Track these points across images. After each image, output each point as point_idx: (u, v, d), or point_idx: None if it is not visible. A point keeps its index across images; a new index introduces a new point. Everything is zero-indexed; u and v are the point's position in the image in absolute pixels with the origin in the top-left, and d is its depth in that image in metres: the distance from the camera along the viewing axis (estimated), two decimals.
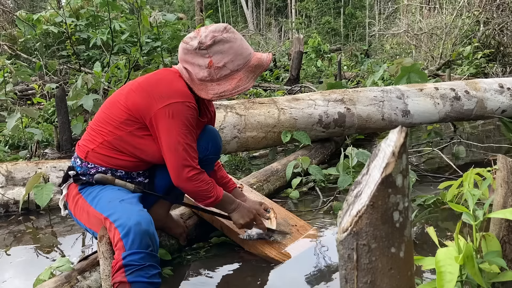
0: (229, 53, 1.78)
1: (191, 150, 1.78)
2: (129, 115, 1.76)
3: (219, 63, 1.77)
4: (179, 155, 1.75)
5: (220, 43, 1.77)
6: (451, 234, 2.17)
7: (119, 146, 1.79)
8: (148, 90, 1.76)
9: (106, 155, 1.80)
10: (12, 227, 2.78)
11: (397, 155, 0.64)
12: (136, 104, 1.75)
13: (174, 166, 1.77)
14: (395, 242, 0.66)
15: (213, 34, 1.77)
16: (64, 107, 4.10)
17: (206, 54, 1.77)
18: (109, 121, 1.79)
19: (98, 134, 1.81)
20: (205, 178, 1.83)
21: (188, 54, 1.80)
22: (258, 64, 1.84)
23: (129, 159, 1.81)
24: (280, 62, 11.11)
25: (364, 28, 22.69)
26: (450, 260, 1.17)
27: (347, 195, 0.71)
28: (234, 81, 1.80)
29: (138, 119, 1.76)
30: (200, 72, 1.79)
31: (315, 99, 3.61)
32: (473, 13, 9.75)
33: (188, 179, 1.78)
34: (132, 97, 1.78)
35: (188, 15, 18.19)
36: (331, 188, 3.13)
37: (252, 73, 1.84)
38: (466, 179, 2.13)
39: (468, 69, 8.33)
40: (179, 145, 1.74)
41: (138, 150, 1.80)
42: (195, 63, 1.79)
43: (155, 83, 1.80)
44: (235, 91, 1.80)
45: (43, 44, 8.30)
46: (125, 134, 1.78)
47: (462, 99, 3.87)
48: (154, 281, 1.57)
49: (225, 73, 1.79)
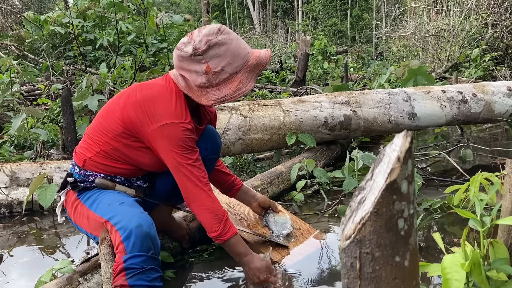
0: (226, 55, 1.68)
1: (194, 169, 1.72)
2: (124, 128, 1.72)
3: (216, 68, 1.68)
4: (182, 175, 1.71)
5: (216, 46, 1.67)
6: (458, 240, 2.14)
7: (116, 156, 1.76)
8: (144, 107, 1.71)
9: (103, 164, 1.77)
10: (16, 228, 2.77)
11: (402, 160, 0.62)
12: (132, 120, 1.71)
13: (180, 186, 1.74)
14: (399, 250, 0.63)
15: (207, 38, 1.67)
16: (70, 107, 4.10)
17: (202, 59, 1.67)
18: (105, 132, 1.75)
19: (94, 143, 1.78)
20: (213, 207, 1.76)
21: (184, 61, 1.71)
22: (257, 62, 1.75)
23: (127, 167, 1.79)
24: (286, 64, 11.09)
25: (371, 30, 22.62)
26: (456, 267, 1.15)
27: (350, 201, 0.69)
28: (234, 84, 1.72)
29: (134, 133, 1.72)
30: (198, 79, 1.70)
31: (321, 101, 3.59)
32: (481, 15, 9.69)
33: (193, 201, 1.75)
34: (127, 111, 1.72)
35: (195, 17, 18.24)
36: (336, 191, 3.10)
37: (252, 72, 1.74)
38: (473, 183, 2.10)
39: (476, 72, 8.28)
40: (180, 166, 1.70)
41: (136, 161, 1.78)
42: (192, 70, 1.70)
43: (151, 100, 1.72)
44: (236, 95, 1.72)
45: (50, 45, 8.34)
46: (121, 145, 1.74)
47: (469, 102, 3.83)
48: (155, 284, 1.55)
49: (224, 77, 1.70)
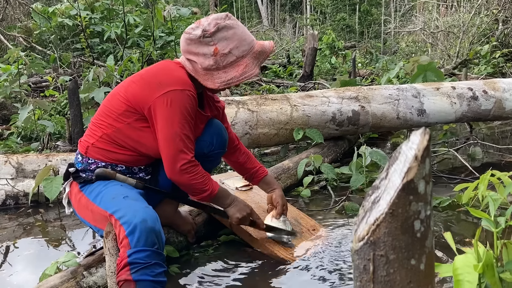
0: (234, 39, 1.76)
1: (188, 141, 1.73)
2: (128, 106, 1.74)
3: (224, 50, 1.74)
4: (175, 146, 1.70)
5: (224, 29, 1.75)
6: (469, 240, 2.10)
7: (117, 139, 1.76)
8: (148, 80, 1.74)
9: (105, 149, 1.77)
10: (21, 220, 2.77)
11: (420, 159, 0.59)
12: (135, 95, 1.73)
13: (169, 157, 1.72)
14: (415, 253, 0.61)
15: (216, 21, 1.75)
16: (77, 100, 4.09)
17: (210, 41, 1.74)
18: (109, 114, 1.77)
19: (97, 128, 1.79)
20: (200, 170, 1.77)
21: (192, 44, 1.77)
22: (262, 50, 1.82)
23: (128, 153, 1.78)
24: (294, 59, 11.01)
25: (379, 26, 22.45)
26: (468, 268, 1.12)
27: (363, 201, 0.66)
28: (241, 67, 1.78)
29: (137, 110, 1.73)
30: (206, 61, 1.75)
31: (329, 96, 3.55)
32: (492, 11, 9.57)
33: (182, 171, 1.72)
34: (131, 88, 1.76)
35: (203, 10, 18.19)
36: (343, 188, 3.07)
37: (257, 59, 1.82)
38: (482, 181, 2.06)
39: (486, 69, 8.18)
40: (176, 135, 1.70)
41: (137, 143, 1.77)
42: (200, 53, 1.76)
43: (155, 73, 1.78)
44: (242, 78, 1.78)
45: (57, 37, 8.32)
46: (124, 126, 1.75)
47: (479, 99, 3.77)
48: (160, 279, 1.53)
49: (231, 59, 1.76)
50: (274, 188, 2.18)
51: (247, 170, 2.19)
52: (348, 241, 2.20)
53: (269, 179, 2.21)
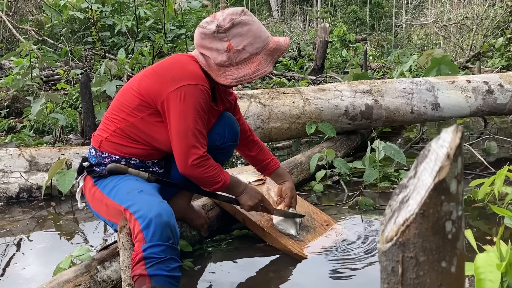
0: (248, 35, 1.73)
1: (200, 136, 1.72)
2: (141, 100, 1.73)
3: (238, 46, 1.72)
4: (188, 141, 1.69)
5: (239, 25, 1.72)
6: (489, 238, 2.07)
7: (131, 133, 1.75)
8: (161, 74, 1.73)
9: (119, 144, 1.76)
10: (34, 212, 2.78)
11: (452, 158, 0.57)
12: (149, 89, 1.72)
13: (181, 152, 1.71)
14: (446, 255, 0.58)
15: (231, 17, 1.72)
16: (88, 93, 4.10)
17: (224, 37, 1.71)
18: (122, 108, 1.76)
19: (111, 122, 1.78)
20: (212, 163, 1.77)
21: (206, 39, 1.74)
22: (277, 47, 1.79)
23: (142, 147, 1.77)
24: (305, 52, 10.93)
25: (391, 18, 22.20)
26: (490, 267, 1.09)
27: (390, 200, 0.64)
28: (254, 64, 1.75)
29: (150, 104, 1.72)
30: (219, 57, 1.73)
31: (342, 90, 3.51)
32: (507, 3, 9.41)
33: (194, 165, 1.71)
34: (145, 82, 1.75)
35: (213, 3, 18.10)
36: (356, 182, 3.04)
37: (271, 56, 1.79)
38: (499, 177, 2.02)
39: (500, 62, 8.06)
40: (188, 130, 1.68)
41: (150, 137, 1.76)
42: (213, 48, 1.73)
43: (168, 66, 1.76)
44: (255, 75, 1.75)
45: (69, 30, 8.34)
46: (137, 120, 1.74)
47: (495, 92, 3.71)
48: (175, 274, 1.52)
49: (244, 56, 1.74)
50: (285, 180, 2.18)
51: (259, 162, 2.18)
52: (362, 237, 2.18)
53: (281, 171, 2.20)
